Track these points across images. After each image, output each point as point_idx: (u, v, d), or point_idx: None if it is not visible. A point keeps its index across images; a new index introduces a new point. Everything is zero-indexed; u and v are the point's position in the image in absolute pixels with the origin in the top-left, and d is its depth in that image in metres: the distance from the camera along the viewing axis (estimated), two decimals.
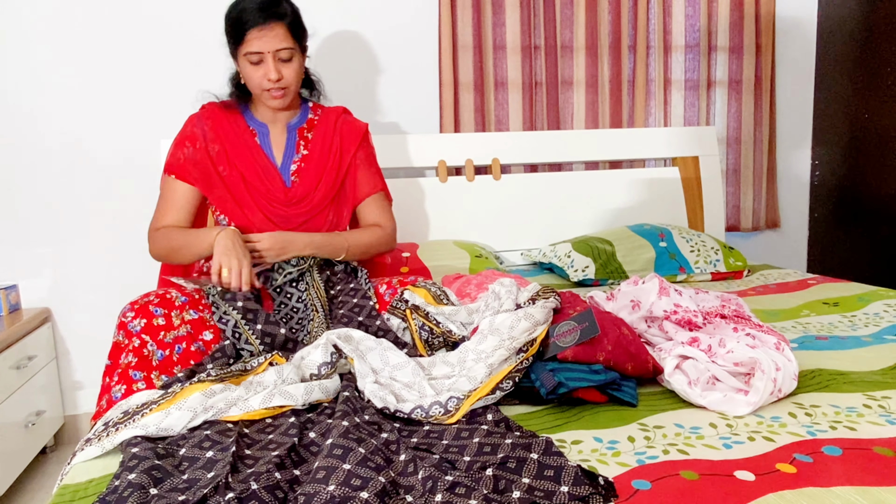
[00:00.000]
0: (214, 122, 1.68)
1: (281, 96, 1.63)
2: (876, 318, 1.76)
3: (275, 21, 1.56)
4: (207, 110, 1.71)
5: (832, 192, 3.07)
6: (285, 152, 1.73)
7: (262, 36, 1.56)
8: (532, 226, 2.60)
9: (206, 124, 1.68)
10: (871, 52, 2.84)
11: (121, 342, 1.33)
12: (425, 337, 1.42)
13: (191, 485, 0.95)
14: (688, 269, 2.29)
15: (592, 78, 2.75)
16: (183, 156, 1.65)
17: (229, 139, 1.68)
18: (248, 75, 1.62)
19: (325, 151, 1.74)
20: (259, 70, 1.59)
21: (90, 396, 2.46)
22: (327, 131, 1.77)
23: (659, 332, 1.46)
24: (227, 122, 1.69)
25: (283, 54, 1.59)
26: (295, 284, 1.57)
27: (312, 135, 1.75)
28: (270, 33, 1.56)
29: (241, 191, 1.66)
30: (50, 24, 2.29)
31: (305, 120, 1.77)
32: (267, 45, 1.56)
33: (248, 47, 1.57)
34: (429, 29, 2.60)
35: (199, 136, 1.67)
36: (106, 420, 1.18)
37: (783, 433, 1.08)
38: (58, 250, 2.38)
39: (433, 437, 1.09)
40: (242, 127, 1.70)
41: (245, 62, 1.60)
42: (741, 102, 2.93)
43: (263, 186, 1.67)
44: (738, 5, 2.87)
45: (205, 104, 1.73)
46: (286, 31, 1.59)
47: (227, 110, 1.72)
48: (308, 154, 1.73)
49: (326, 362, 1.27)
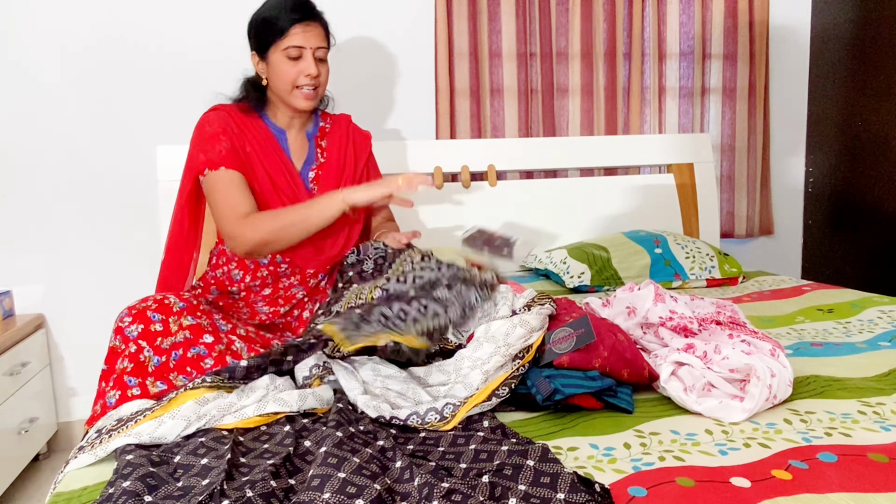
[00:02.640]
0: (238, 121, 1.66)
1: (312, 96, 1.65)
2: (870, 324, 1.76)
3: (316, 20, 1.63)
4: (227, 109, 1.67)
5: (826, 199, 3.08)
6: (305, 159, 1.73)
7: (307, 31, 1.60)
8: (528, 232, 2.60)
9: (232, 122, 1.64)
10: (864, 59, 2.86)
11: (117, 347, 1.33)
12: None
13: (185, 492, 0.95)
14: (683, 275, 2.29)
15: (588, 85, 2.76)
16: (223, 148, 1.59)
17: (257, 140, 1.66)
18: (282, 71, 1.61)
19: (341, 159, 1.77)
20: (297, 65, 1.61)
21: (84, 403, 2.45)
22: (341, 139, 1.79)
23: (654, 339, 1.46)
24: (250, 122, 1.68)
25: (320, 53, 1.64)
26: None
27: (326, 142, 1.77)
28: (313, 31, 1.62)
29: (270, 192, 1.64)
30: (46, 30, 2.28)
31: (318, 128, 1.79)
32: (310, 40, 1.60)
33: (291, 41, 1.59)
34: (425, 36, 2.61)
35: (229, 131, 1.62)
36: (99, 428, 1.18)
37: (778, 439, 1.08)
38: (52, 257, 2.37)
39: (429, 444, 1.09)
40: (264, 130, 1.69)
41: (282, 57, 1.60)
42: (735, 110, 2.94)
43: (290, 190, 1.66)
44: (732, 13, 2.89)
45: (218, 105, 1.69)
46: (324, 33, 1.66)
47: (244, 112, 1.69)
48: (325, 162, 1.74)
49: (318, 364, 1.27)
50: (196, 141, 1.62)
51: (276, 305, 1.65)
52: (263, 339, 1.51)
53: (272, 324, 1.66)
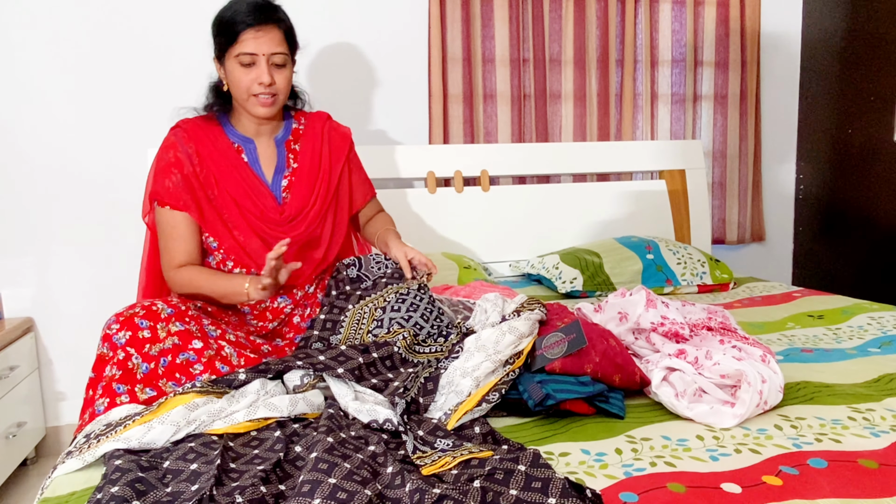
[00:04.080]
0: (197, 143, 1.59)
1: (270, 104, 1.57)
2: (860, 330, 1.77)
3: (272, 24, 1.53)
4: (186, 130, 1.61)
5: (816, 206, 3.10)
6: (276, 168, 1.65)
7: (258, 37, 1.51)
8: (520, 237, 2.61)
9: (189, 147, 1.58)
10: (854, 67, 2.88)
11: (105, 354, 1.31)
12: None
13: (175, 498, 0.94)
14: (674, 281, 2.30)
15: (580, 91, 2.77)
16: (172, 183, 1.54)
17: (214, 160, 1.59)
18: (236, 79, 1.55)
19: (314, 162, 1.69)
20: (250, 73, 1.53)
21: (72, 408, 2.43)
22: (315, 140, 1.71)
23: (646, 344, 1.46)
24: (210, 141, 1.61)
25: (277, 59, 1.54)
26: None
27: (300, 145, 1.70)
28: (266, 35, 1.52)
29: (233, 214, 1.58)
30: (35, 35, 2.27)
31: (290, 131, 1.71)
32: (262, 46, 1.52)
33: (241, 48, 1.51)
34: (418, 41, 2.62)
35: (183, 160, 1.56)
36: (87, 432, 1.17)
37: (769, 445, 1.09)
38: (41, 260, 2.35)
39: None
40: (226, 144, 1.62)
41: (235, 64, 1.53)
42: (727, 116, 2.96)
43: (256, 208, 1.59)
44: (724, 21, 2.91)
45: (180, 121, 1.64)
46: (282, 37, 1.55)
47: (206, 126, 1.63)
48: (298, 167, 1.67)
49: (308, 372, 1.27)
50: (154, 167, 1.60)
51: (265, 320, 1.60)
52: (254, 344, 1.49)
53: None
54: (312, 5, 2.49)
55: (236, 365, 1.37)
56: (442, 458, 1.05)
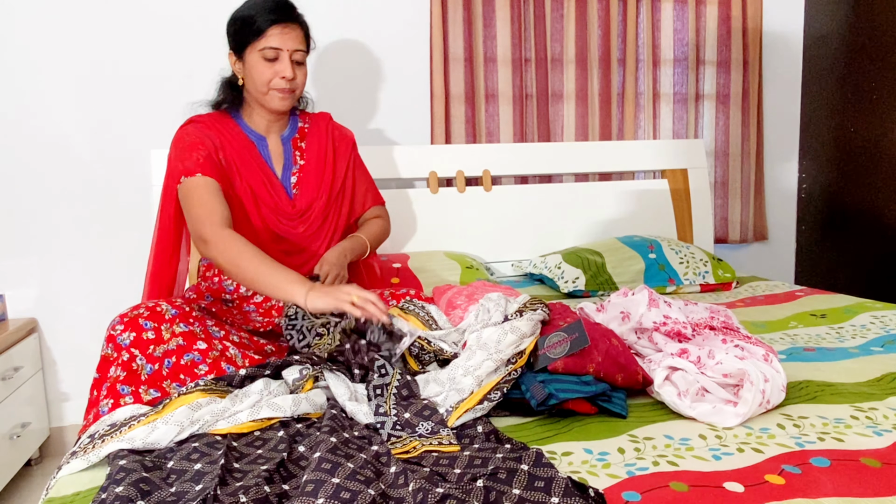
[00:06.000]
0: (215, 131, 1.62)
1: (289, 96, 1.64)
2: (863, 329, 1.77)
3: (295, 23, 1.62)
4: (202, 120, 1.64)
5: (819, 205, 3.10)
6: (284, 165, 1.71)
7: (284, 33, 1.59)
8: (522, 237, 2.61)
9: (210, 135, 1.60)
10: (856, 66, 2.88)
11: (109, 355, 1.32)
12: (415, 353, 1.42)
13: (179, 497, 0.94)
14: (677, 280, 2.30)
15: (582, 91, 2.77)
16: (200, 156, 1.54)
17: (235, 149, 1.63)
18: (258, 72, 1.60)
19: (321, 159, 1.75)
20: (273, 67, 1.59)
21: (76, 408, 2.43)
22: (321, 139, 1.77)
23: (648, 344, 1.46)
24: (228, 132, 1.65)
25: (297, 56, 1.62)
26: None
27: (306, 143, 1.75)
28: (292, 32, 1.60)
29: (251, 204, 1.61)
30: (38, 33, 2.28)
31: (297, 129, 1.77)
32: (287, 42, 1.59)
33: (268, 42, 1.58)
34: (420, 41, 2.62)
35: (207, 142, 1.58)
36: (91, 433, 1.17)
37: (772, 444, 1.09)
38: (45, 260, 2.36)
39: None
40: (242, 137, 1.67)
41: (258, 58, 1.59)
42: (729, 116, 2.96)
43: (272, 200, 1.64)
44: (726, 20, 2.91)
45: (193, 117, 1.67)
46: (303, 36, 1.64)
47: (222, 119, 1.66)
48: (305, 164, 1.72)
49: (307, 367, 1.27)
50: (173, 153, 1.59)
51: (270, 316, 1.63)
52: (257, 344, 1.50)
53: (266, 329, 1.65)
54: (314, 5, 2.49)
55: (240, 366, 1.37)
56: (410, 443, 1.08)
